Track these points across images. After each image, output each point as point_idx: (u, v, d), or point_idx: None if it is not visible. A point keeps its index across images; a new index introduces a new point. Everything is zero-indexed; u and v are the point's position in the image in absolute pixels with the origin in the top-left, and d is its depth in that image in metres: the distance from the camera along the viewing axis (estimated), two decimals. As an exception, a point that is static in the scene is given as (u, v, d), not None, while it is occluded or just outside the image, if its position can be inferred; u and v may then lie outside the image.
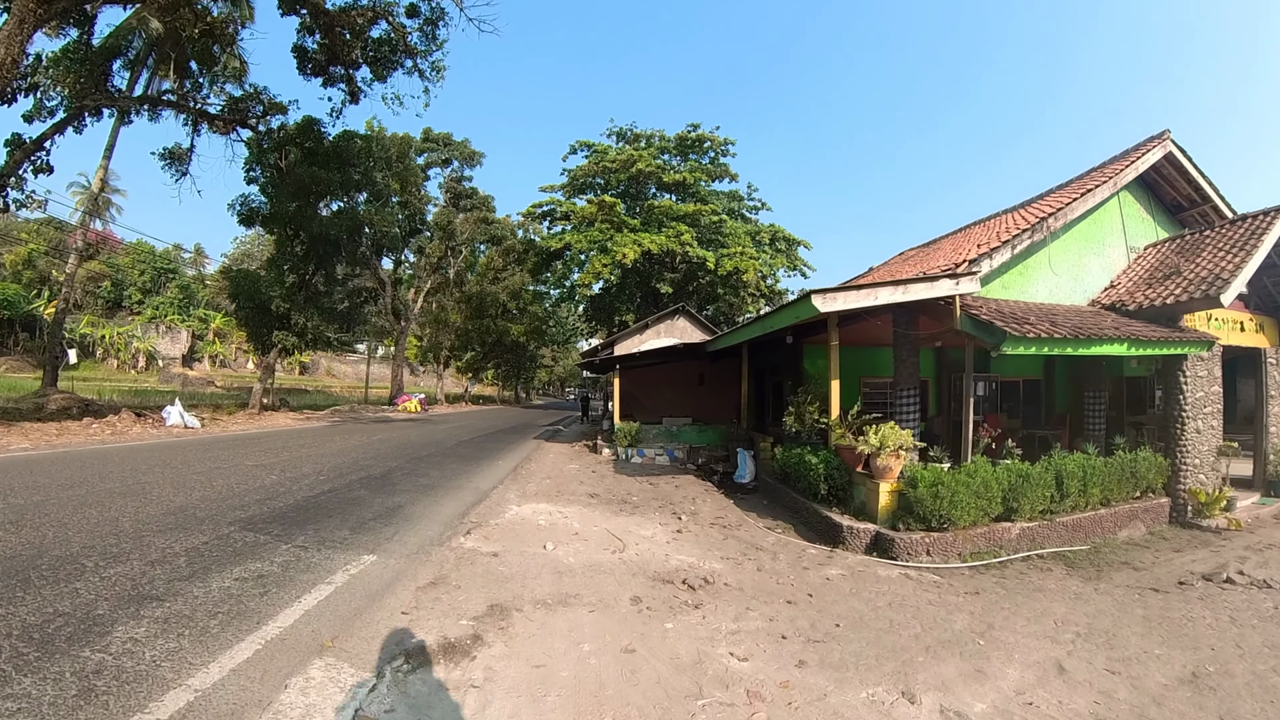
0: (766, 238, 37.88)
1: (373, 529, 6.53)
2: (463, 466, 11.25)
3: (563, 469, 11.73)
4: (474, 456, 12.80)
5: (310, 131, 21.42)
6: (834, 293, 7.49)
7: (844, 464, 8.59)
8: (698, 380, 19.34)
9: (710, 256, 31.86)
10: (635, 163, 34.85)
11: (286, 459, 11.30)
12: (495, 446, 15.24)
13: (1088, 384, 12.01)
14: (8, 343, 50.42)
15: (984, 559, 7.25)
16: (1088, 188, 10.62)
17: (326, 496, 8.07)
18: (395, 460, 11.67)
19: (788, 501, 9.49)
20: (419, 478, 9.82)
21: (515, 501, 8.41)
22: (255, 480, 8.96)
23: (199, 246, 69.01)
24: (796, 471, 9.09)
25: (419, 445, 14.47)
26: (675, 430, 14.03)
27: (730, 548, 6.93)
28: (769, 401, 16.40)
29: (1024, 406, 15.39)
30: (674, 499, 9.40)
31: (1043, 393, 15.05)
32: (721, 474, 12.52)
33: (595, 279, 30.94)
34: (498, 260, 37.31)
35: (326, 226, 20.42)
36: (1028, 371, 14.96)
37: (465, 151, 35.55)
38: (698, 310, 28.44)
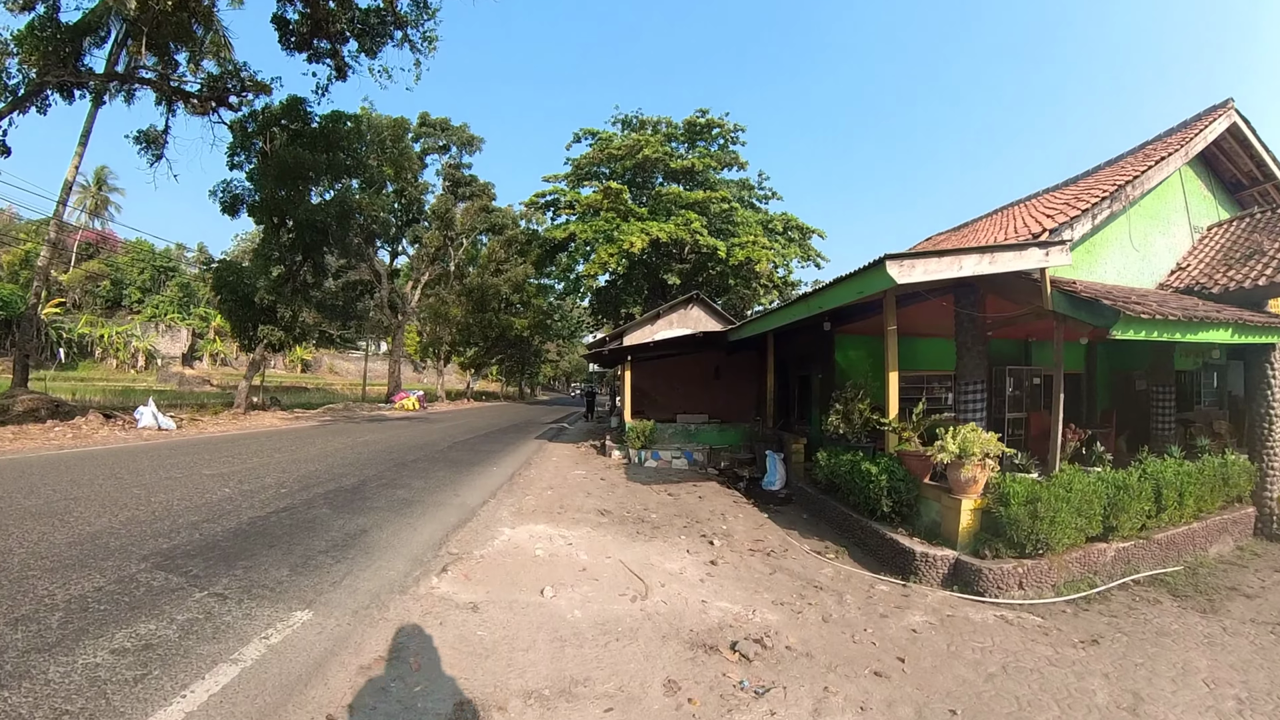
0: (779, 226, 36.22)
1: (319, 567, 5.06)
2: (451, 474, 9.78)
3: (567, 476, 10.24)
4: (466, 461, 11.32)
5: (296, 112, 19.98)
6: (912, 259, 5.98)
7: (909, 474, 7.11)
8: (713, 374, 17.83)
9: (721, 246, 30.33)
10: (641, 148, 33.29)
11: (252, 466, 9.86)
12: (492, 448, 13.78)
13: (1155, 377, 10.55)
14: (4, 343, 49.74)
15: (1078, 589, 5.88)
16: (1159, 156, 9.14)
17: (279, 517, 6.61)
18: (375, 467, 10.21)
19: (834, 516, 8.00)
20: (397, 490, 8.35)
21: (508, 521, 6.92)
22: (204, 495, 7.52)
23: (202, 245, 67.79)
24: (848, 482, 7.58)
25: (407, 448, 13.02)
26: (693, 430, 12.53)
27: (781, 586, 5.43)
28: (794, 398, 14.91)
29: (1066, 403, 14.02)
30: (699, 514, 7.89)
31: (1083, 388, 13.71)
32: (748, 480, 11.03)
33: (602, 270, 29.42)
34: (499, 252, 35.80)
35: (313, 212, 18.96)
36: (1069, 365, 13.57)
37: (464, 136, 33.94)
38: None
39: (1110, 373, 13.68)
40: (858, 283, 6.46)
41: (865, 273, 6.26)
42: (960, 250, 6.33)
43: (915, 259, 6.02)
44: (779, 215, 37.16)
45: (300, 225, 19.50)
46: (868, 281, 6.29)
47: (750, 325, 10.93)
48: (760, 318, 10.24)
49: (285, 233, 20.25)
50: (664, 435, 12.20)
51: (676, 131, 37.12)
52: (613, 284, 36.10)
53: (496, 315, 40.41)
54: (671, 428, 12.34)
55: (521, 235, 36.05)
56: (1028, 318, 8.32)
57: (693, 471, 11.57)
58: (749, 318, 10.18)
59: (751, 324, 10.92)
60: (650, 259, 34.34)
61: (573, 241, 33.02)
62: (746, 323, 10.94)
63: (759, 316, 10.28)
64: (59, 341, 47.72)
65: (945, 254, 6.16)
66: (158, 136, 19.42)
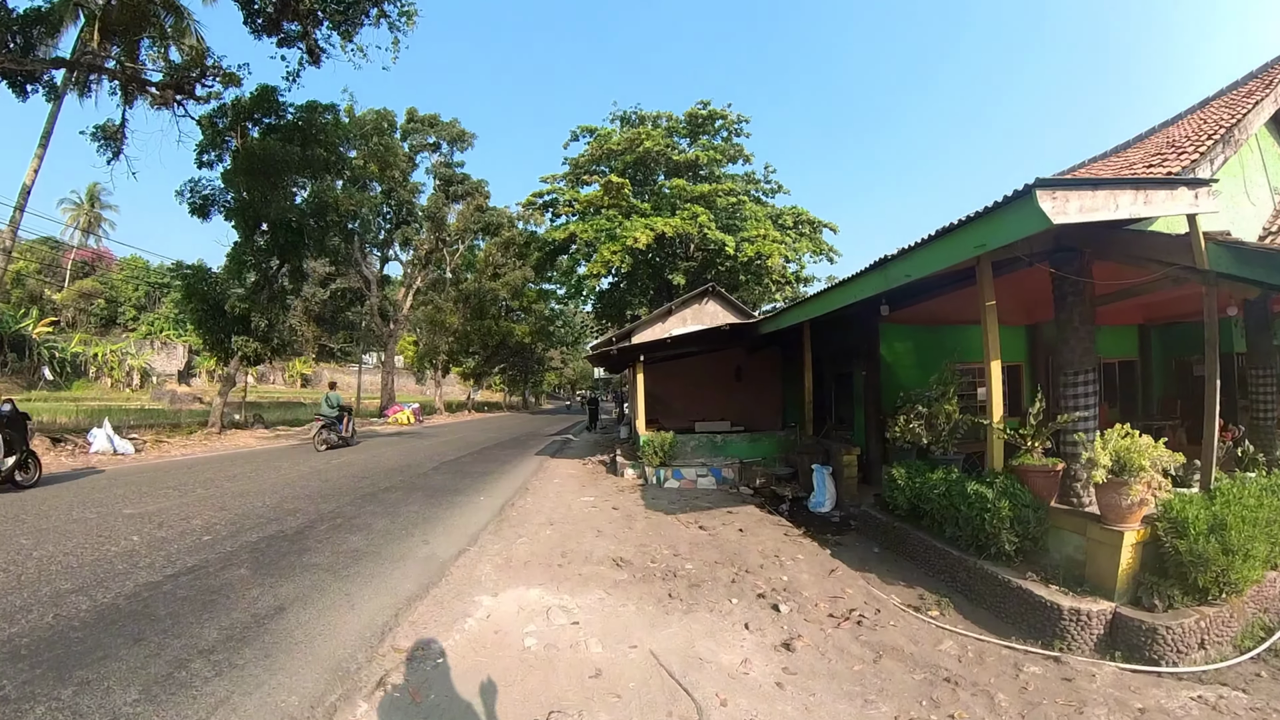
0: (789, 220, 34.29)
1: (185, 687, 3.20)
2: (426, 509, 7.88)
3: (571, 505, 8.33)
4: (449, 489, 9.42)
5: (268, 102, 18.18)
6: (1066, 190, 4.10)
7: (1035, 498, 5.26)
8: (734, 375, 15.94)
9: (730, 241, 28.50)
10: (642, 141, 31.53)
11: (187, 502, 8.02)
12: (484, 469, 11.88)
13: (1255, 359, 8.67)
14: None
15: (1255, 637, 4.36)
16: (1254, 99, 7.29)
17: (178, 584, 4.78)
18: (336, 500, 8.34)
19: (918, 550, 6.12)
20: (350, 535, 6.46)
21: (491, 583, 5.02)
22: (102, 546, 5.76)
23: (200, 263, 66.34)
24: (943, 508, 5.69)
25: (384, 471, 11.15)
26: (720, 442, 10.61)
27: (897, 683, 3.54)
28: (831, 400, 13.00)
29: (1120, 393, 12.08)
30: (748, 558, 5.97)
31: (1138, 376, 12.05)
32: (791, 501, 9.13)
33: (605, 269, 27.61)
34: (497, 255, 33.96)
35: (286, 211, 17.17)
36: (1124, 350, 11.81)
37: (454, 131, 32.01)
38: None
39: (1166, 359, 12.03)
40: (983, 229, 4.55)
41: (998, 213, 4.37)
42: (1118, 181, 4.45)
43: (1070, 190, 4.13)
44: (788, 208, 35.29)
45: (273, 225, 17.72)
46: (1001, 225, 4.40)
47: (788, 314, 9.04)
48: (803, 303, 8.35)
49: (260, 235, 18.49)
50: (685, 449, 10.30)
51: (678, 125, 35.37)
52: (616, 286, 34.34)
53: (496, 322, 38.57)
54: (694, 440, 10.44)
55: (519, 237, 34.25)
56: (1160, 285, 6.46)
57: (723, 493, 9.66)
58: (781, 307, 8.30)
59: (789, 312, 9.03)
60: (655, 258, 32.54)
61: (574, 243, 31.23)
62: (784, 310, 9.05)
63: (799, 302, 8.40)
64: (47, 360, 46.36)
65: (1102, 185, 4.26)
66: (115, 131, 17.69)
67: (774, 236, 29.61)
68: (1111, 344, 11.58)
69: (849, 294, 6.76)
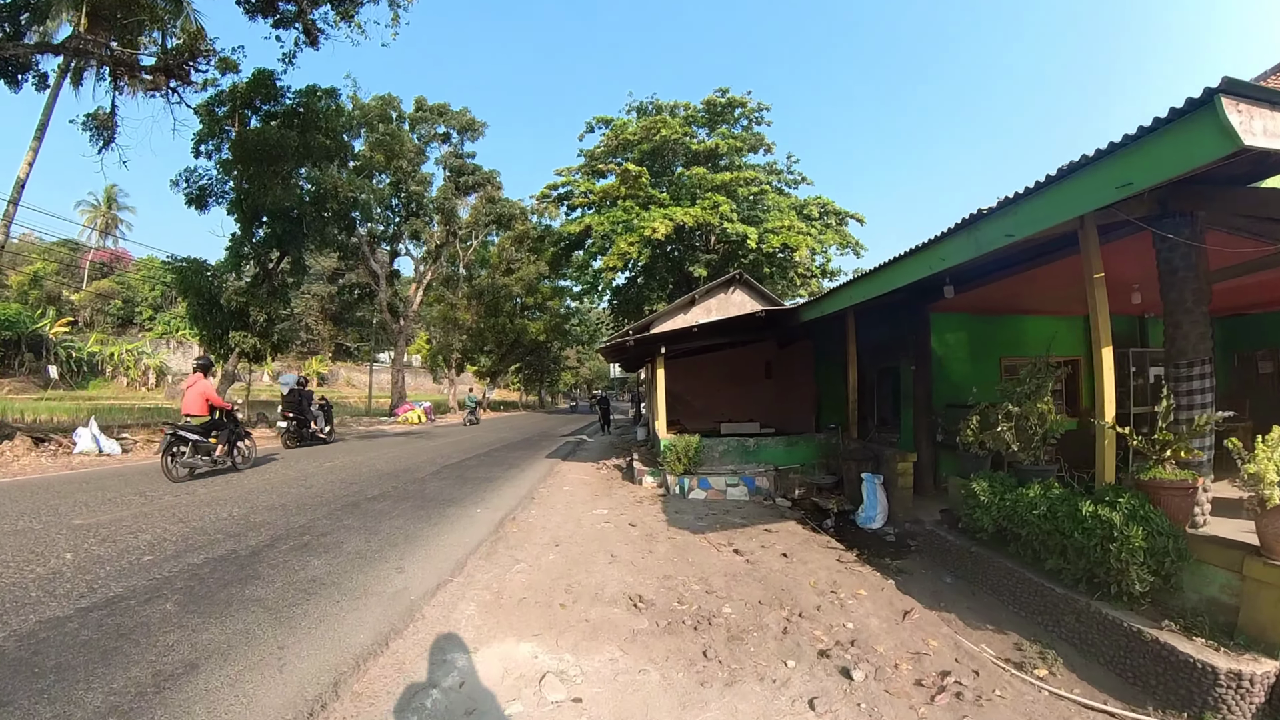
0: (814, 211, 32.81)
1: None
2: (412, 524, 6.77)
3: (582, 520, 7.18)
4: (443, 498, 8.30)
5: (265, 87, 17.30)
6: (1253, 104, 2.87)
7: (1170, 522, 4.04)
8: (763, 371, 14.75)
9: (752, 232, 27.22)
10: (659, 129, 30.30)
11: (149, 511, 7.08)
12: (489, 474, 10.77)
13: None
14: (13, 363, 49.01)
15: None
16: None
17: (82, 623, 3.80)
18: (313, 510, 7.29)
19: (1006, 581, 4.94)
20: (314, 556, 5.37)
21: (471, 632, 3.87)
22: (21, 569, 5.00)
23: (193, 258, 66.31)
24: (1047, 533, 4.48)
25: (378, 476, 10.11)
26: (752, 447, 9.40)
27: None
28: (873, 398, 11.75)
29: None
30: (798, 595, 4.77)
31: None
32: (837, 515, 7.92)
33: (621, 262, 26.44)
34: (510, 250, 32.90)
35: (283, 198, 16.23)
36: None
37: (464, 120, 30.89)
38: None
39: (1228, 354, 10.92)
40: (1134, 162, 3.31)
41: (1158, 136, 3.14)
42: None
43: (1259, 104, 2.89)
44: (813, 199, 33.85)
45: (272, 215, 16.83)
46: (1160, 154, 3.17)
47: (835, 296, 7.79)
48: (854, 282, 7.11)
49: (260, 226, 17.63)
50: (712, 455, 9.10)
51: (696, 114, 34.07)
52: (633, 281, 33.18)
53: (510, 319, 37.59)
54: (722, 444, 9.24)
55: (533, 231, 33.15)
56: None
57: (757, 505, 8.45)
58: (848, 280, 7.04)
59: (836, 294, 7.78)
60: (674, 251, 31.37)
61: (589, 237, 30.11)
62: (831, 292, 7.79)
63: (850, 282, 7.17)
64: (54, 360, 46.53)
65: None
66: (106, 119, 16.87)
67: (799, 227, 28.36)
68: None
69: (921, 265, 5.52)
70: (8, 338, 47.02)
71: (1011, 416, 5.56)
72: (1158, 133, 3.20)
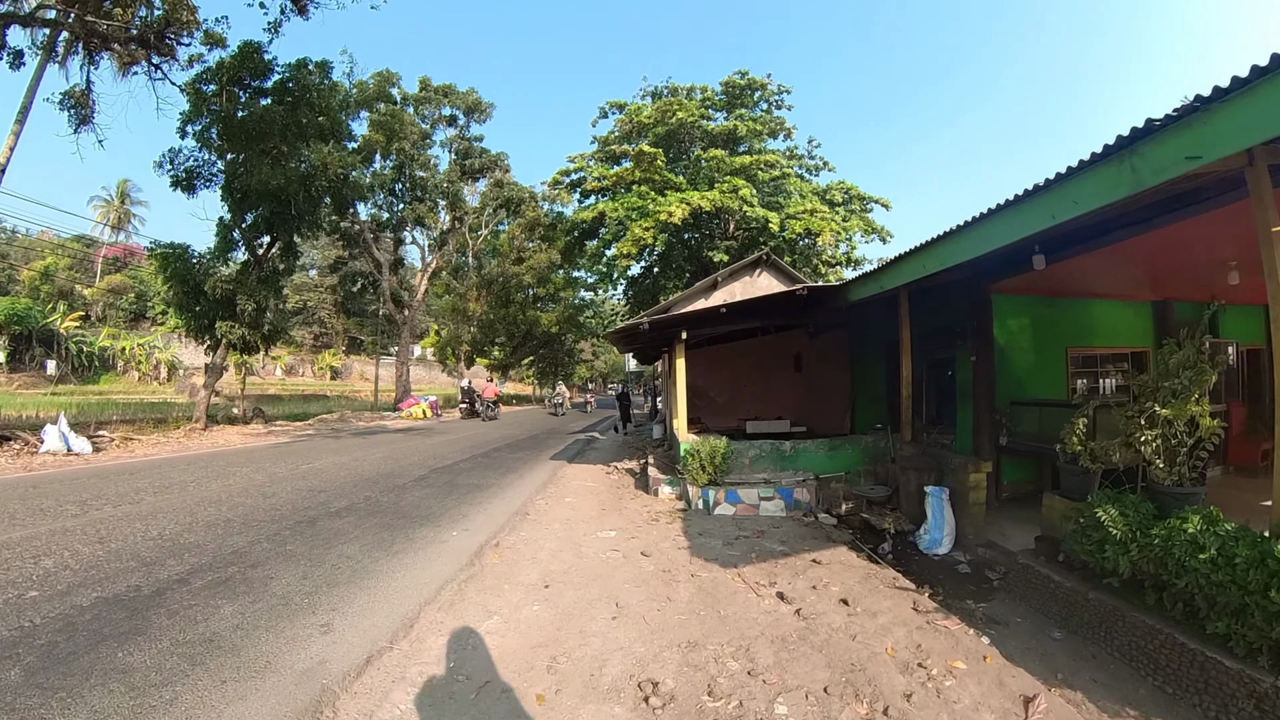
0: (838, 196, 31.12)
1: None
2: (369, 551, 5.41)
3: (583, 548, 5.79)
4: (419, 514, 6.92)
5: (252, 61, 16.02)
6: None
7: None
8: (792, 364, 13.28)
9: (774, 217, 25.70)
10: (674, 112, 28.80)
11: (72, 527, 5.90)
12: (481, 480, 9.42)
13: None
14: (23, 358, 48.95)
15: None
16: None
17: None
18: (258, 529, 6.01)
19: (1147, 645, 3.49)
20: (227, 600, 4.06)
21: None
22: None
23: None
24: (1219, 586, 3.03)
25: (353, 483, 8.82)
26: (789, 451, 7.94)
27: None
28: (922, 394, 10.26)
29: (1247, 389, 9.53)
30: (877, 675, 3.35)
31: (1265, 366, 9.04)
32: (894, 536, 6.49)
33: (636, 249, 25.02)
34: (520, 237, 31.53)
35: (269, 177, 15.00)
36: (1253, 336, 9.00)
37: (470, 100, 29.26)
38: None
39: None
40: None
41: None
42: None
43: None
44: (836, 183, 32.17)
45: (258, 196, 15.61)
46: None
47: (897, 269, 6.26)
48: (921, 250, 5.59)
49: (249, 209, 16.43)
50: (742, 461, 7.67)
51: (713, 97, 32.47)
52: (649, 270, 31.78)
53: (522, 310, 36.27)
54: (753, 449, 7.80)
55: (545, 218, 31.79)
56: None
57: (797, 523, 7.02)
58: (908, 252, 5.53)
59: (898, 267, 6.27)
60: (691, 238, 29.93)
61: (603, 225, 28.72)
62: (892, 264, 6.23)
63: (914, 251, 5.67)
64: (55, 354, 46.29)
65: None
66: (82, 96, 15.74)
67: (823, 211, 26.81)
68: (1241, 327, 8.84)
69: (1035, 215, 4.03)
70: (17, 332, 46.87)
71: (1156, 421, 4.09)
72: None
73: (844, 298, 7.64)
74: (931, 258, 5.53)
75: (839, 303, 7.90)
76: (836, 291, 7.75)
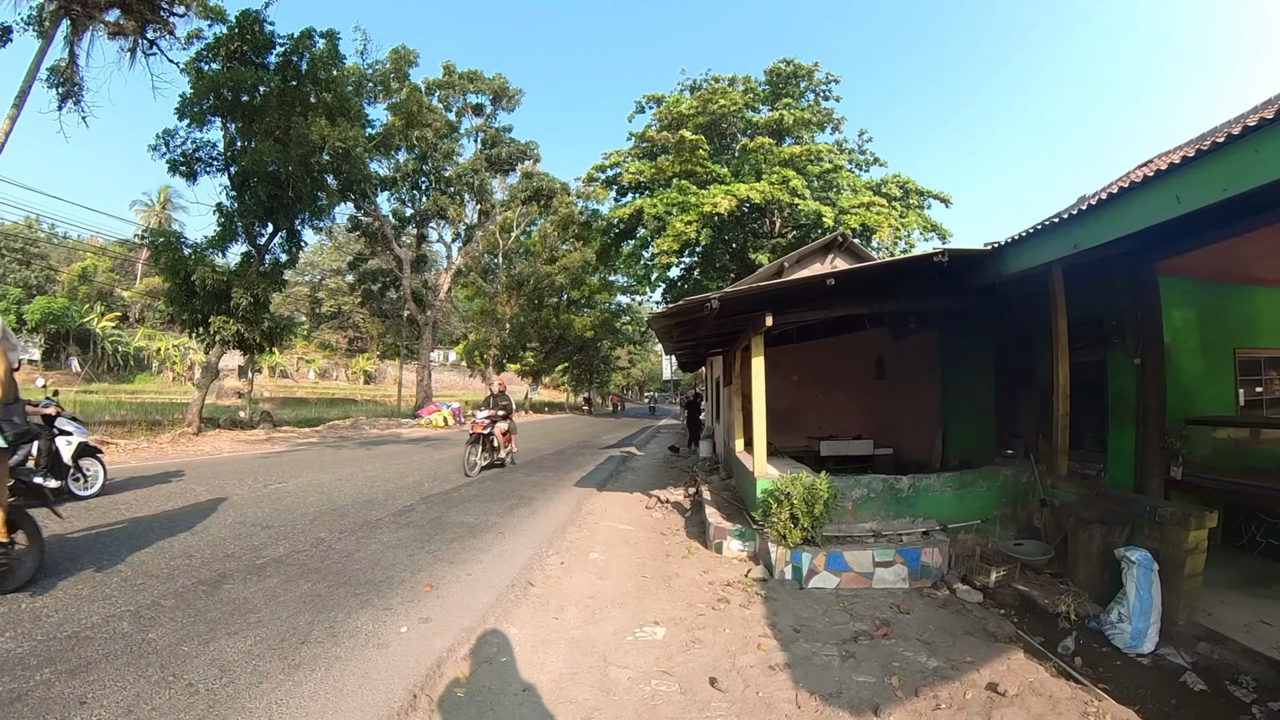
0: (895, 190, 28.44)
1: None
2: (266, 655, 3.27)
3: (612, 659, 3.50)
4: (375, 581, 4.64)
5: (251, 32, 14.26)
6: None
7: None
8: (873, 370, 10.87)
9: (828, 212, 23.36)
10: (716, 99, 26.62)
11: None
12: (482, 518, 7.11)
13: None
14: (60, 356, 49.35)
15: None
16: None
17: None
18: (141, 592, 3.95)
19: None
20: None
21: None
22: None
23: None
24: None
25: (320, 513, 6.74)
26: (905, 491, 5.53)
27: None
28: (1051, 406, 7.76)
29: None
30: None
31: None
32: (1075, 623, 4.11)
33: (678, 245, 22.85)
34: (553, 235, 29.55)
35: (262, 154, 13.25)
36: None
37: (497, 85, 27.44)
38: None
39: None
40: None
41: None
42: None
43: None
44: (891, 177, 29.54)
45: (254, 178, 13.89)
46: None
47: (1126, 205, 3.87)
48: (1169, 173, 3.26)
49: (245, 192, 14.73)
50: (843, 504, 5.34)
51: (756, 87, 30.17)
52: (689, 273, 29.56)
53: (555, 313, 34.33)
54: (858, 486, 5.41)
55: (579, 216, 29.77)
56: None
57: (930, 602, 4.66)
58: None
59: (1132, 199, 3.87)
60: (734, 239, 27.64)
61: (641, 224, 26.64)
62: (1123, 195, 3.82)
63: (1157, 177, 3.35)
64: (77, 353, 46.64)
65: None
66: (67, 71, 14.24)
67: (880, 205, 24.35)
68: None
69: None
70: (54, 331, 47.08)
71: None
72: None
73: (998, 267, 5.27)
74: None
75: (983, 278, 5.53)
76: (987, 260, 5.37)
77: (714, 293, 5.03)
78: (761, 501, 5.16)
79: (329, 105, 14.98)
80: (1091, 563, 4.97)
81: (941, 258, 4.88)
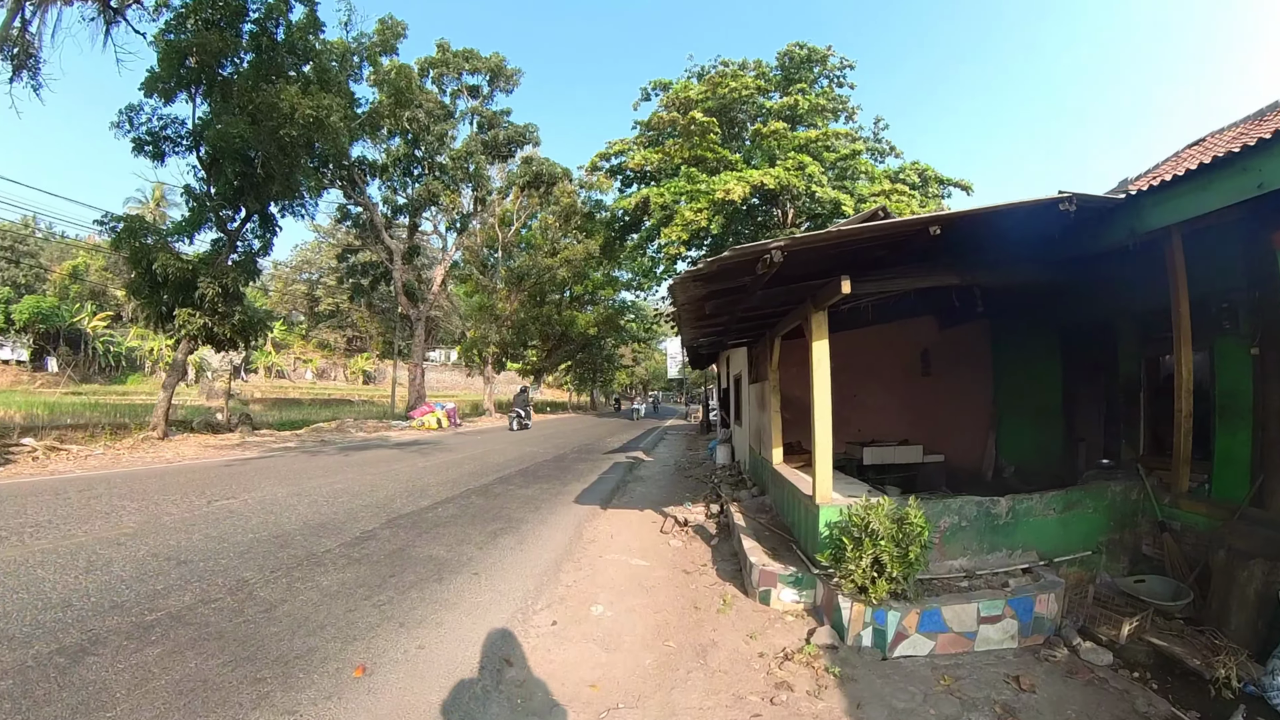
0: (913, 178, 26.96)
1: None
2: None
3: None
4: (289, 656, 3.33)
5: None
6: None
7: None
8: (919, 364, 9.52)
9: (847, 199, 21.94)
10: (726, 82, 25.24)
11: None
12: (455, 550, 5.72)
13: None
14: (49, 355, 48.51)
15: None
16: None
17: None
18: (31, 648, 2.60)
19: None
20: None
21: None
22: None
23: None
24: None
25: (256, 541, 5.43)
26: (1003, 516, 4.21)
27: None
28: (1139, 405, 6.38)
29: None
30: None
31: None
32: (1239, 696, 2.72)
33: (687, 234, 21.49)
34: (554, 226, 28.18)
35: (229, 129, 11.93)
36: None
37: (493, 64, 25.98)
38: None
39: None
40: None
41: None
42: None
43: None
44: (910, 164, 28.03)
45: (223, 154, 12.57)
46: None
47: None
48: None
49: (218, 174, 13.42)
50: (932, 541, 3.99)
51: (768, 72, 28.66)
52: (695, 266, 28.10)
53: (557, 310, 32.96)
54: (946, 514, 4.08)
55: (582, 208, 28.36)
56: None
57: (1054, 671, 3.33)
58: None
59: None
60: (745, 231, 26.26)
61: (646, 216, 25.28)
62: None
63: None
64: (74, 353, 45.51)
65: None
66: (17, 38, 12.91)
67: (901, 192, 22.97)
68: None
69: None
70: (43, 330, 45.97)
71: None
72: None
73: (1130, 224, 3.92)
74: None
75: (1101, 241, 4.18)
76: (1118, 212, 4.02)
77: (776, 240, 3.63)
78: (829, 540, 3.81)
79: (308, 79, 13.67)
80: (1245, 608, 3.67)
81: (1069, 205, 3.53)
